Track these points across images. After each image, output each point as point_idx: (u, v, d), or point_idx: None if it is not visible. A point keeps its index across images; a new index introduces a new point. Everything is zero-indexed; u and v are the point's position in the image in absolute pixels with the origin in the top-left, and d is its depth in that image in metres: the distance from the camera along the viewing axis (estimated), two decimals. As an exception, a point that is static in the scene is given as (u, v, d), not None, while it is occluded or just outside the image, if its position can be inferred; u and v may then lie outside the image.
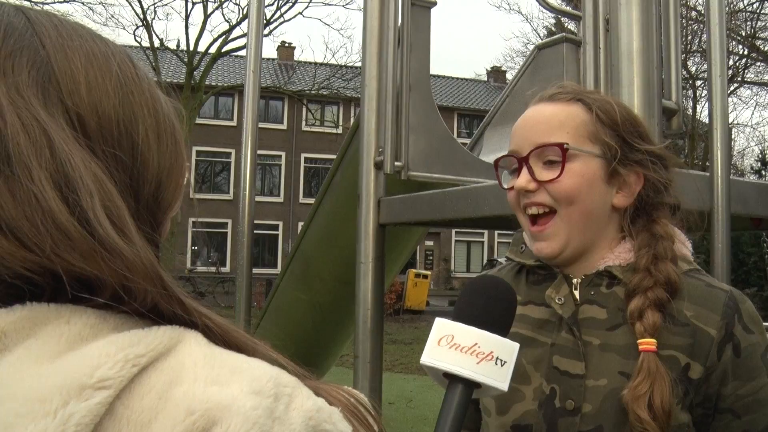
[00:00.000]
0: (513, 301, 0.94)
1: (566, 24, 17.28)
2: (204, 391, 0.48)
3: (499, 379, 0.85)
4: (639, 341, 1.12)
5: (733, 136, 25.70)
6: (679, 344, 1.13)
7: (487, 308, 0.91)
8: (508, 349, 0.86)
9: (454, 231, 34.20)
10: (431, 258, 34.80)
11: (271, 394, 0.50)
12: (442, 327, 0.88)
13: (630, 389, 1.09)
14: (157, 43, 22.29)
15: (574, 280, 1.24)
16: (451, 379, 0.86)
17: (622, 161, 1.20)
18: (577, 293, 1.23)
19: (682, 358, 1.13)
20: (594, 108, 1.22)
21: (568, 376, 1.17)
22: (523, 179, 1.21)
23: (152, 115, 0.62)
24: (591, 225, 1.21)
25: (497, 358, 0.85)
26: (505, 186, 1.29)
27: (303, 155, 33.44)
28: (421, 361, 0.88)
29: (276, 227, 32.69)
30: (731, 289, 1.20)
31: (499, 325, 0.89)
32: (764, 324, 1.20)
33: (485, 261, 33.68)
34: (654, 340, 1.11)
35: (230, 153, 31.28)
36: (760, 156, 20.70)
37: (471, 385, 0.85)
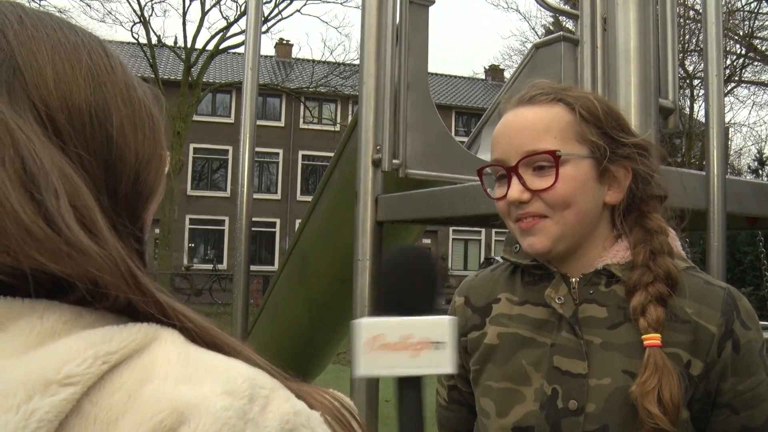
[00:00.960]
0: (431, 267, 0.90)
1: (564, 23, 17.28)
2: (174, 390, 0.47)
3: (441, 363, 0.82)
4: (644, 336, 1.12)
5: (730, 136, 25.70)
6: (681, 341, 1.14)
7: (404, 286, 0.87)
8: (441, 327, 0.83)
9: (451, 229, 34.19)
10: (428, 256, 34.74)
11: (246, 395, 0.48)
12: (366, 329, 0.84)
13: (638, 385, 1.09)
14: (154, 40, 22.26)
15: (572, 280, 1.23)
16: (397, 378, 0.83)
17: (611, 158, 1.19)
18: (575, 293, 1.22)
19: (684, 355, 1.13)
20: (576, 107, 1.20)
21: (569, 376, 1.17)
22: (516, 190, 1.17)
23: (127, 105, 0.60)
24: (584, 225, 1.20)
25: (433, 343, 0.81)
26: (494, 196, 1.26)
27: (300, 153, 33.39)
28: (356, 375, 0.84)
29: (273, 225, 32.64)
30: (728, 287, 1.20)
31: (422, 300, 0.85)
32: (762, 323, 1.22)
33: (482, 259, 33.68)
34: (659, 335, 1.11)
35: (227, 150, 31.24)
36: (757, 155, 20.75)
37: (416, 379, 0.83)
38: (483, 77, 39.77)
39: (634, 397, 1.09)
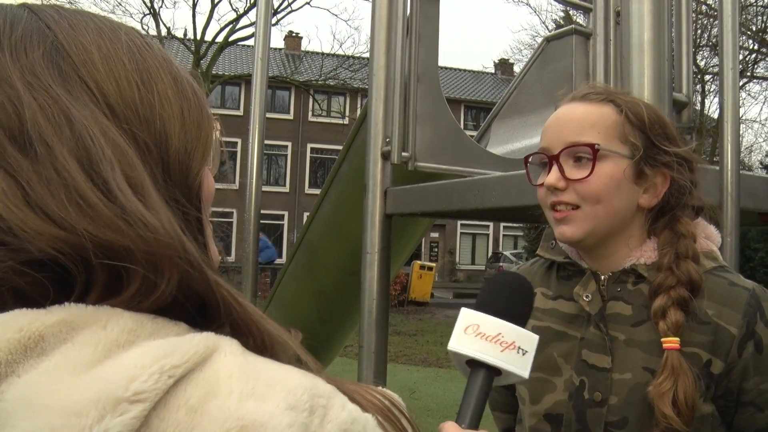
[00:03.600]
0: (531, 296, 0.99)
1: (575, 17, 17.20)
2: (239, 407, 0.47)
3: (521, 366, 0.90)
4: (663, 339, 1.16)
5: (741, 132, 25.51)
6: (701, 341, 1.17)
7: (509, 301, 0.96)
8: (529, 339, 0.91)
9: (459, 223, 34.19)
10: (436, 250, 34.80)
11: (306, 408, 0.49)
12: (468, 316, 0.93)
13: (654, 386, 1.14)
14: (164, 32, 22.30)
15: (602, 277, 1.28)
16: (474, 366, 0.90)
17: (650, 162, 1.24)
18: (604, 290, 1.27)
19: (704, 355, 1.17)
20: (624, 109, 1.25)
21: (595, 370, 1.23)
22: (553, 177, 1.24)
23: (168, 74, 0.62)
24: (616, 222, 1.24)
25: (519, 348, 0.90)
26: (535, 182, 1.32)
27: (309, 145, 33.45)
28: (448, 347, 0.92)
29: (281, 217, 32.72)
30: (754, 287, 1.22)
31: (520, 318, 0.94)
32: None
33: (490, 254, 33.67)
34: (677, 339, 1.15)
35: (236, 143, 31.27)
36: (768, 152, 20.59)
37: (493, 372, 0.90)
38: (492, 71, 39.68)
39: (651, 398, 1.14)
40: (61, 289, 0.51)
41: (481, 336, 0.90)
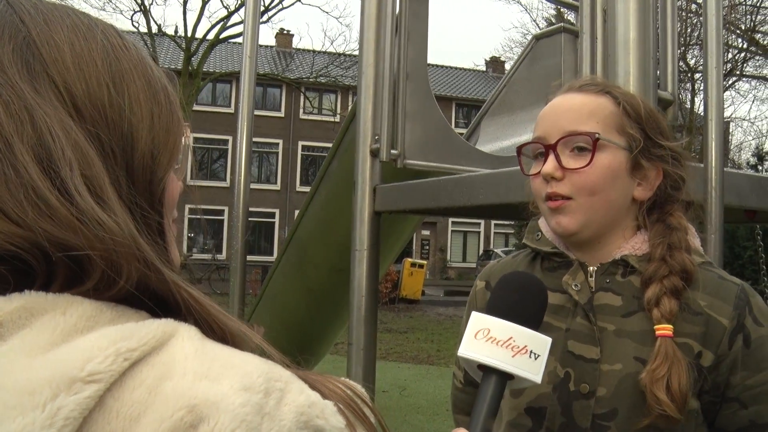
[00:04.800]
0: (545, 297, 0.98)
1: (566, 15, 17.23)
2: (192, 387, 0.48)
3: (533, 371, 0.89)
4: (656, 327, 1.16)
5: (731, 130, 25.69)
6: (693, 332, 1.17)
7: (521, 303, 0.95)
8: (541, 343, 0.90)
9: (450, 221, 34.20)
10: (427, 247, 34.81)
11: (262, 390, 0.49)
12: (478, 320, 0.91)
13: (648, 372, 1.13)
14: (154, 29, 22.22)
15: (590, 268, 1.27)
16: (485, 370, 0.89)
17: (646, 155, 1.24)
18: (592, 281, 1.26)
19: (695, 346, 1.16)
20: (621, 101, 1.25)
21: (582, 361, 1.21)
22: (550, 165, 1.22)
23: (142, 78, 0.62)
24: (610, 214, 1.24)
25: (531, 352, 0.89)
26: (529, 172, 1.31)
27: (300, 143, 33.38)
28: (458, 353, 0.91)
29: (272, 215, 32.66)
30: (742, 283, 1.23)
31: (532, 320, 0.93)
32: None
33: (481, 251, 33.71)
34: (671, 326, 1.15)
35: (227, 140, 31.22)
36: (756, 150, 20.69)
37: (505, 377, 0.89)
38: (484, 69, 39.71)
39: (644, 384, 1.13)
40: (23, 281, 0.52)
41: (491, 341, 0.89)
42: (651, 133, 1.25)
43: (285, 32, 36.28)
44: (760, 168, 18.50)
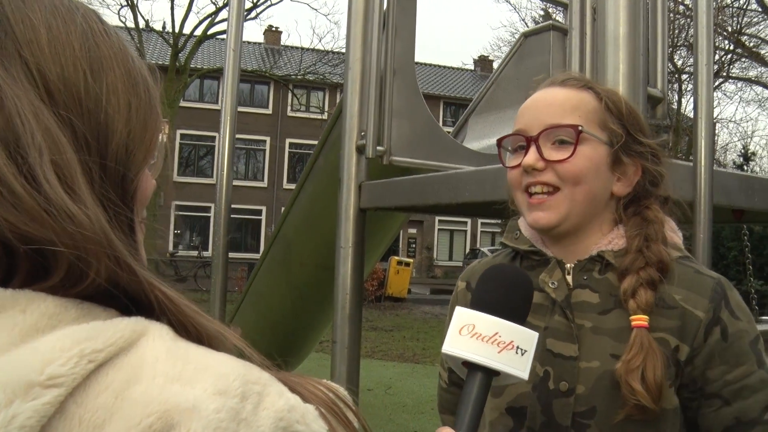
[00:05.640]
0: (530, 290, 0.97)
1: (554, 15, 17.28)
2: (163, 391, 0.45)
3: (520, 367, 0.87)
4: (632, 317, 1.15)
5: (717, 131, 25.88)
6: (669, 326, 1.16)
7: (506, 297, 0.93)
8: (528, 338, 0.88)
9: (437, 219, 34.26)
10: (414, 246, 34.85)
11: (238, 394, 0.47)
12: (463, 316, 0.89)
13: (623, 363, 1.12)
14: (142, 24, 22.10)
15: (567, 266, 1.27)
16: (470, 367, 0.87)
17: (626, 151, 1.25)
18: (569, 278, 1.26)
19: (671, 340, 1.16)
20: (603, 97, 1.27)
21: (561, 359, 1.21)
22: (532, 157, 1.22)
23: (121, 67, 0.59)
24: (590, 207, 1.24)
25: (518, 347, 0.87)
26: (509, 164, 1.31)
27: (288, 140, 33.32)
28: (442, 350, 0.90)
29: (259, 212, 32.61)
30: (719, 277, 1.22)
31: (518, 314, 0.91)
32: None
33: (468, 250, 33.79)
34: (646, 317, 1.15)
35: (214, 137, 31.03)
36: (742, 151, 20.84)
37: (491, 374, 0.87)
38: (472, 68, 39.79)
39: (619, 375, 1.12)
40: None
41: (477, 336, 0.87)
42: (631, 130, 1.26)
43: (273, 29, 36.19)
44: (746, 168, 18.64)
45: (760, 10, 22.04)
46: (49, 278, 0.49)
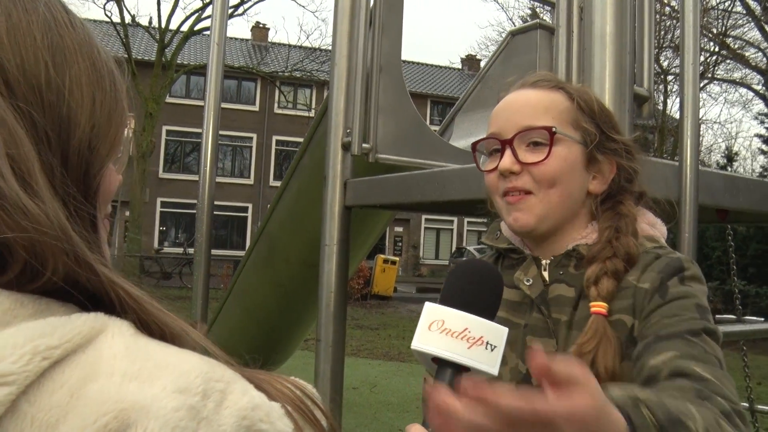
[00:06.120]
0: (500, 285, 0.96)
1: (542, 15, 17.32)
2: (120, 389, 0.43)
3: (490, 363, 0.85)
4: (591, 303, 1.16)
5: (702, 132, 26.07)
6: (623, 306, 1.16)
7: (475, 292, 0.92)
8: (498, 333, 0.87)
9: (423, 218, 34.29)
10: (400, 244, 34.87)
11: (199, 392, 0.45)
12: (432, 311, 0.88)
13: (577, 346, 1.13)
14: (128, 19, 21.89)
15: (543, 262, 1.28)
16: (440, 363, 0.86)
17: (600, 149, 1.25)
18: (546, 274, 1.27)
19: (627, 320, 1.16)
20: (575, 97, 1.27)
21: None
22: (508, 161, 1.22)
23: (86, 60, 0.57)
24: (567, 208, 1.25)
25: (487, 343, 0.85)
26: (485, 168, 1.30)
27: (275, 137, 33.24)
28: (411, 346, 0.88)
29: (245, 209, 32.52)
30: (681, 257, 1.20)
31: (488, 310, 0.90)
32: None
33: (454, 249, 33.84)
34: (605, 304, 1.15)
35: (201, 133, 30.90)
36: (726, 152, 21.00)
37: (460, 370, 0.85)
38: (459, 67, 39.83)
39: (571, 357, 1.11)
40: None
41: (446, 332, 0.85)
42: (604, 128, 1.27)
43: (261, 26, 36.07)
44: (729, 169, 18.77)
45: (744, 12, 22.22)
46: (4, 274, 0.47)
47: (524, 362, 1.22)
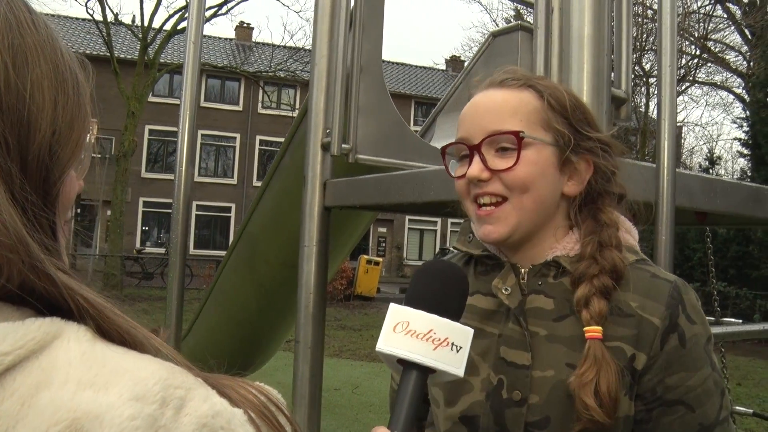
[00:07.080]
0: (466, 285, 0.94)
1: (525, 16, 17.39)
2: (73, 398, 0.42)
3: (455, 364, 0.85)
4: (585, 329, 1.11)
5: (683, 135, 26.29)
6: (625, 335, 1.13)
7: (441, 293, 0.91)
8: (463, 334, 0.87)
9: (407, 218, 34.32)
10: (384, 245, 34.87)
11: (157, 399, 0.44)
12: (397, 313, 0.87)
13: (577, 376, 1.08)
14: (110, 17, 21.72)
15: (522, 270, 1.23)
16: (405, 365, 0.86)
17: (574, 149, 1.20)
18: (524, 283, 1.22)
19: (627, 349, 1.12)
20: (545, 95, 1.21)
21: (514, 367, 1.17)
22: (476, 168, 1.18)
23: (48, 62, 0.55)
24: (541, 213, 1.20)
25: (453, 344, 0.85)
26: (454, 174, 1.26)
27: (258, 137, 33.13)
28: (376, 348, 0.88)
29: (228, 209, 32.39)
30: (676, 279, 1.19)
31: (453, 311, 0.89)
32: (708, 318, 1.20)
33: (437, 249, 33.89)
34: (600, 328, 1.11)
35: (183, 133, 30.80)
36: (708, 155, 21.17)
37: (426, 371, 0.85)
38: (443, 68, 39.89)
39: (572, 388, 1.09)
40: None
41: (411, 334, 0.85)
42: (578, 126, 1.21)
43: (245, 25, 35.95)
44: (711, 172, 18.93)
45: (725, 16, 22.45)
46: None
47: (496, 373, 1.18)
